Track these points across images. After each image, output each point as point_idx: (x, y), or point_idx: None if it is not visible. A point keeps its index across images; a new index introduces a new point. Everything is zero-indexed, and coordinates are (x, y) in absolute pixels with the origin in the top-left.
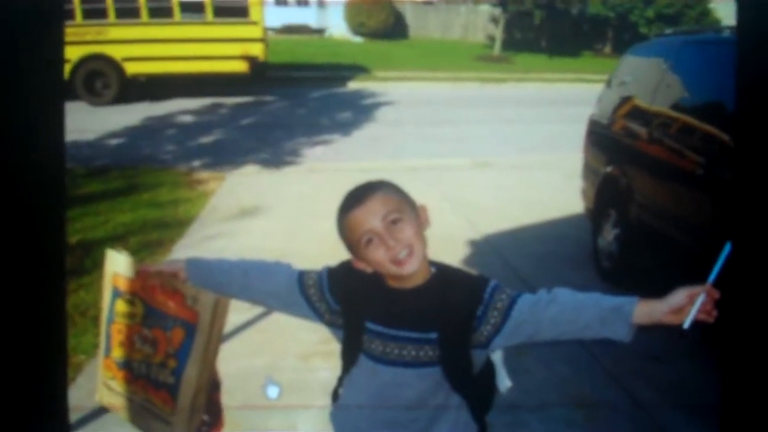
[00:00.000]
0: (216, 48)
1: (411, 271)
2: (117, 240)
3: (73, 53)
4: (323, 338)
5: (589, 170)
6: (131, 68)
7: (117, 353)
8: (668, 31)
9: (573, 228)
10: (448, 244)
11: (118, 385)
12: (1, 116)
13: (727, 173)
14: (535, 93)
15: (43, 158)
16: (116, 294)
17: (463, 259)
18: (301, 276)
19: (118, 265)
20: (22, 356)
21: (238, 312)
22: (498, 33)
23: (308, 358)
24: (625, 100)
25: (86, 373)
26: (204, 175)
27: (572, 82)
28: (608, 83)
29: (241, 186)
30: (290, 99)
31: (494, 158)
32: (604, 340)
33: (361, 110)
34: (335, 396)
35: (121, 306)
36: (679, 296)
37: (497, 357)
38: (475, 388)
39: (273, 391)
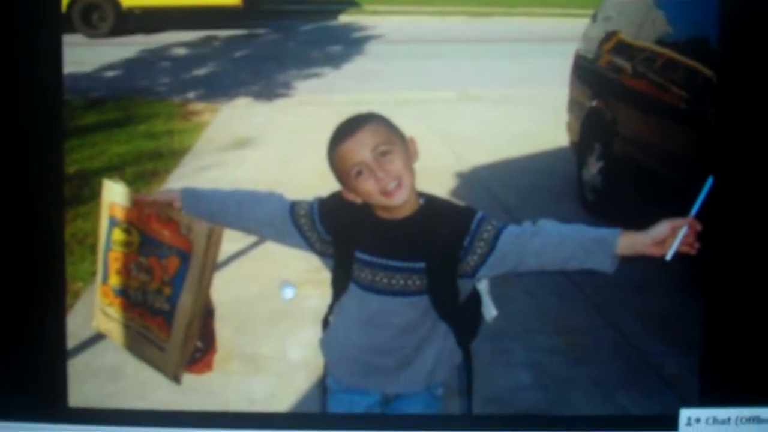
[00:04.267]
0: None
1: (400, 202)
2: (113, 170)
3: None
4: (314, 267)
5: (574, 104)
6: (127, 1)
7: (114, 281)
8: None
9: (558, 161)
10: (436, 176)
11: (114, 311)
12: (1, 49)
13: (710, 108)
14: (521, 27)
15: (42, 90)
16: (113, 223)
17: (450, 190)
18: (293, 206)
19: (114, 194)
20: (22, 283)
21: (231, 241)
22: None
23: (299, 286)
24: (611, 35)
25: (84, 300)
26: (198, 106)
27: (558, 17)
28: (594, 18)
29: (235, 118)
30: (282, 32)
31: (481, 92)
32: (588, 270)
33: (351, 43)
34: (325, 323)
35: (117, 234)
36: (662, 228)
37: (483, 286)
38: (461, 316)
39: (289, 292)
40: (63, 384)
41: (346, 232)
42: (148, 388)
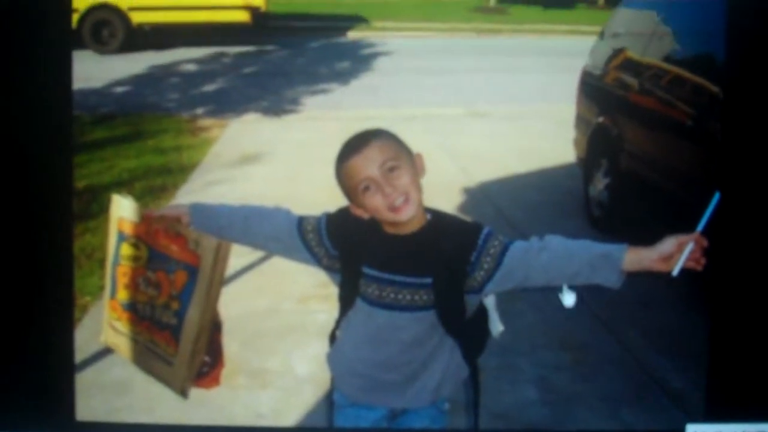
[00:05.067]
0: None
1: (407, 218)
2: (122, 185)
3: (80, 3)
4: (321, 282)
5: (581, 120)
6: (137, 17)
7: (122, 295)
8: None
9: (565, 177)
10: (443, 191)
11: (122, 326)
12: (12, 64)
13: (716, 124)
14: (529, 44)
15: (52, 105)
16: (121, 237)
17: (457, 206)
18: (301, 221)
19: (123, 209)
20: (31, 297)
21: (239, 256)
22: None
23: (306, 301)
24: (618, 51)
25: (92, 315)
26: (207, 122)
27: (566, 34)
28: (601, 35)
29: (243, 133)
30: (290, 48)
31: (489, 108)
32: (595, 286)
33: (359, 60)
34: (332, 338)
35: (126, 249)
36: (668, 244)
37: (490, 302)
38: (468, 331)
39: (569, 299)
40: (71, 398)
41: (353, 248)
42: (156, 402)
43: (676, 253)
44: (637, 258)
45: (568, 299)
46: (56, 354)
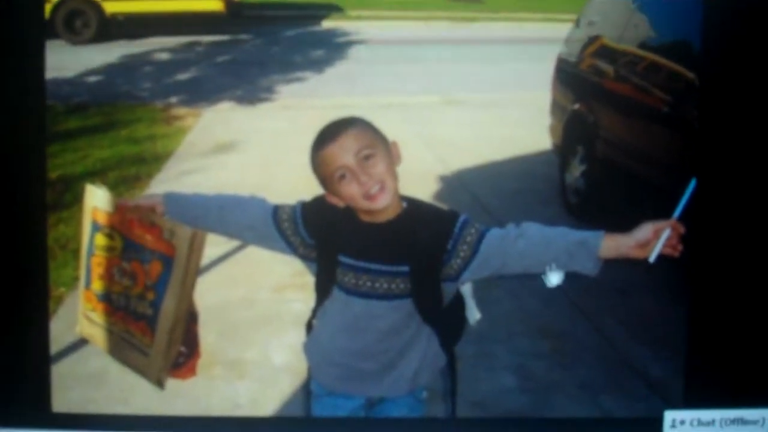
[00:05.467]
0: None
1: (383, 206)
2: (96, 175)
3: None
4: (297, 271)
5: (556, 107)
6: (110, 7)
7: (97, 285)
8: None
9: (541, 164)
10: (419, 179)
11: (97, 316)
12: None
13: (692, 111)
14: (505, 32)
15: (25, 95)
16: (95, 228)
17: (433, 194)
18: (276, 210)
19: (97, 199)
20: (5, 288)
21: (214, 245)
22: None
23: (282, 290)
24: (593, 39)
25: (67, 306)
26: (181, 111)
27: (542, 22)
28: (577, 23)
29: (217, 122)
30: (265, 37)
31: (465, 96)
32: (572, 273)
33: (334, 48)
34: (309, 327)
35: (100, 239)
36: (645, 231)
37: (467, 289)
38: (445, 319)
39: (555, 278)
40: (47, 389)
41: (329, 236)
42: (132, 393)
43: (653, 239)
44: (614, 245)
45: (554, 278)
46: (32, 346)
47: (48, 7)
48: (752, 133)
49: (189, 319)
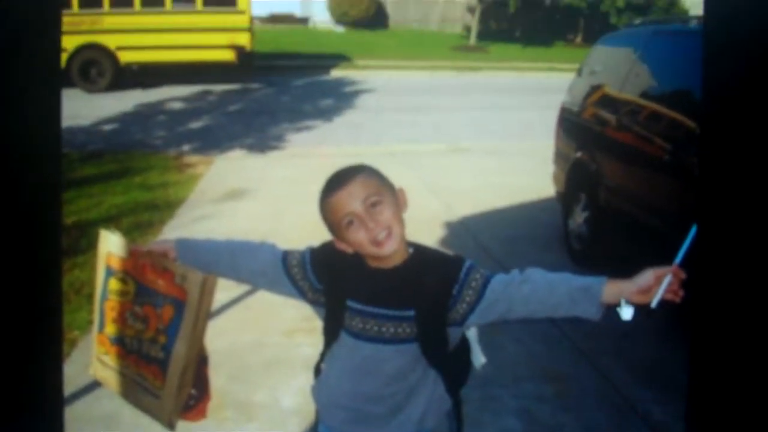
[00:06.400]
0: (205, 38)
1: (390, 252)
2: (110, 221)
3: (69, 43)
4: (306, 315)
5: (560, 155)
6: (124, 57)
7: (110, 329)
8: (637, 21)
9: (545, 211)
10: (425, 226)
11: (110, 359)
12: (1, 102)
13: (692, 159)
14: (509, 81)
15: (40, 144)
16: (109, 272)
17: (439, 240)
18: (285, 256)
19: (111, 244)
20: (19, 332)
21: (225, 290)
22: (474, 23)
23: (292, 334)
24: (596, 88)
25: (80, 348)
26: (193, 159)
27: (545, 71)
28: (579, 72)
29: (228, 170)
30: (275, 86)
31: (470, 144)
32: (575, 318)
33: (342, 97)
34: (317, 371)
35: (114, 284)
36: (646, 276)
37: (472, 334)
38: (450, 363)
39: (627, 313)
40: (60, 430)
41: (337, 281)
42: None
43: (655, 285)
44: (616, 290)
45: (626, 313)
46: (45, 388)
47: (64, 57)
48: (752, 181)
49: (200, 362)
